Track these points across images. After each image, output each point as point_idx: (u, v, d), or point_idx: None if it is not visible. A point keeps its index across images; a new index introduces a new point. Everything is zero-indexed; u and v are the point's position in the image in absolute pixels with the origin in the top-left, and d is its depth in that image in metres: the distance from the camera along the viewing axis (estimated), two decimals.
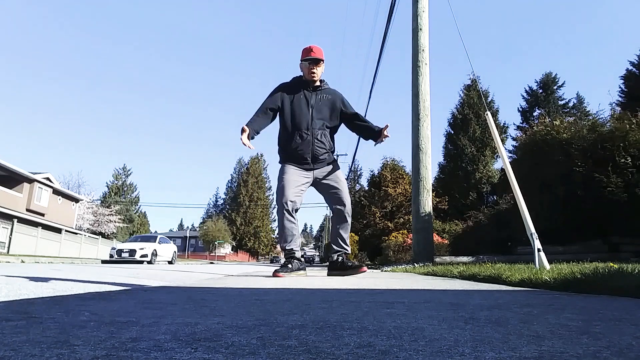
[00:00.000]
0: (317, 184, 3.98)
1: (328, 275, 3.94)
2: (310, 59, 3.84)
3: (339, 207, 3.95)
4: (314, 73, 3.87)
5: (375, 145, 4.08)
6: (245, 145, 3.66)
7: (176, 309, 1.29)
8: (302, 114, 3.83)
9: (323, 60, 3.90)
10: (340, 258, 3.93)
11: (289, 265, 3.73)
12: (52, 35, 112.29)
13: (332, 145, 3.98)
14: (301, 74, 4.02)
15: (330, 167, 3.97)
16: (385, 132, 3.92)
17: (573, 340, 0.85)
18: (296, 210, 3.87)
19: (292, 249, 3.81)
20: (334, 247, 3.99)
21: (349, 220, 3.98)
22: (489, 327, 0.99)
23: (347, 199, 3.95)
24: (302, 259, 3.94)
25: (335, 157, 4.11)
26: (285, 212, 3.79)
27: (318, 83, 3.97)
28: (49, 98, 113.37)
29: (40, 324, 0.95)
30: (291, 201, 3.79)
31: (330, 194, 3.97)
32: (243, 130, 3.69)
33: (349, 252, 4.00)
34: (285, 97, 3.90)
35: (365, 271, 3.83)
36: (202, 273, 6.06)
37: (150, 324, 0.98)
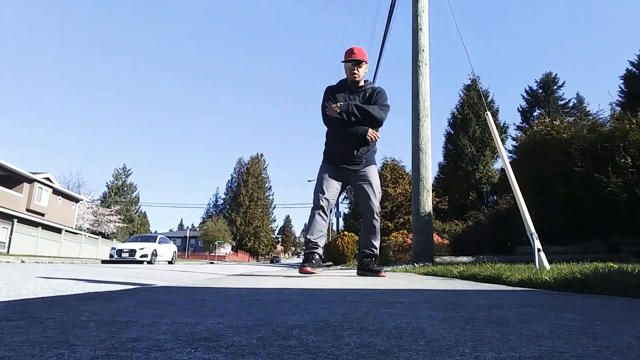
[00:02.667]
0: (351, 183, 4.08)
1: (357, 274, 4.06)
2: (352, 60, 3.91)
3: (366, 212, 4.02)
4: (355, 74, 3.94)
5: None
6: (334, 110, 3.76)
7: (176, 309, 1.29)
8: (343, 121, 3.86)
9: (365, 62, 3.96)
10: (366, 260, 4.00)
11: (313, 261, 3.80)
12: (52, 36, 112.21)
13: (370, 146, 4.00)
14: (345, 75, 4.08)
15: (366, 168, 4.02)
16: (371, 135, 3.90)
17: (573, 340, 0.85)
18: (331, 210, 3.99)
19: (316, 242, 3.87)
20: (363, 250, 4.07)
21: (377, 224, 4.01)
22: (489, 327, 0.99)
23: (375, 205, 3.99)
24: (322, 256, 3.98)
25: (374, 160, 4.18)
26: (319, 208, 3.90)
27: (362, 83, 4.03)
28: (49, 98, 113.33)
29: (40, 324, 0.95)
30: (326, 199, 3.92)
31: (360, 198, 4.06)
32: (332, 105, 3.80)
33: (377, 253, 4.06)
34: (333, 98, 3.99)
35: (384, 276, 3.84)
36: (202, 273, 6.05)
37: (150, 324, 0.98)
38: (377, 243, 4.02)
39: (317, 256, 3.83)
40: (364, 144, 3.89)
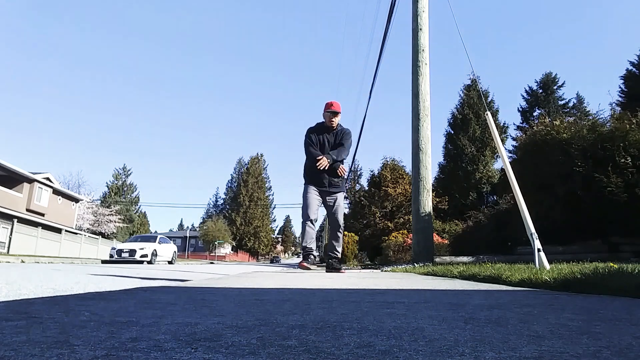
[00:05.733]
0: (324, 202, 5.25)
1: (326, 272, 5.11)
2: (331, 112, 5.13)
3: (334, 226, 5.27)
4: (332, 122, 5.16)
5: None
6: (324, 163, 4.96)
7: (176, 309, 1.29)
8: (323, 152, 5.11)
9: (340, 112, 5.19)
10: (332, 261, 5.23)
11: (309, 259, 5.14)
12: (52, 36, 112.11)
13: (341, 177, 5.21)
14: (323, 120, 5.29)
15: (337, 192, 5.20)
16: (340, 170, 5.15)
17: (573, 340, 0.85)
18: (315, 220, 5.17)
19: (311, 247, 5.18)
20: (329, 253, 5.31)
21: (341, 236, 5.31)
22: (489, 327, 0.99)
23: (340, 220, 5.22)
24: (317, 257, 5.35)
25: (344, 187, 5.37)
26: (308, 221, 5.09)
27: (335, 127, 5.24)
28: (49, 98, 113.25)
29: (40, 324, 0.95)
30: (313, 214, 5.09)
31: (329, 214, 5.26)
32: (320, 158, 4.99)
33: (339, 256, 5.29)
34: (313, 137, 5.24)
35: (344, 273, 5.04)
36: (202, 273, 6.06)
37: (150, 324, 0.98)
38: (339, 248, 5.31)
39: (312, 256, 5.14)
40: (334, 174, 5.12)
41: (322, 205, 5.29)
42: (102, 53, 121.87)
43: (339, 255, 5.29)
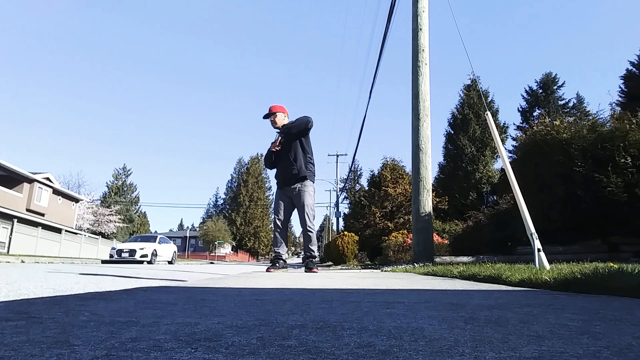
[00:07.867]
0: (293, 200, 5.25)
1: (305, 272, 5.14)
2: (267, 115, 5.38)
3: (301, 223, 5.28)
4: (274, 123, 5.37)
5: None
6: (277, 145, 5.17)
7: (176, 309, 1.29)
8: (279, 151, 5.28)
9: (276, 112, 5.36)
10: (307, 261, 5.21)
11: (277, 264, 5.13)
12: (51, 37, 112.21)
13: (302, 162, 5.17)
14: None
15: (299, 186, 5.17)
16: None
17: (573, 340, 0.85)
18: (284, 223, 5.30)
19: (279, 252, 5.26)
20: (305, 253, 5.34)
21: (309, 233, 5.23)
22: (489, 327, 0.99)
23: (306, 219, 5.15)
24: (286, 260, 5.32)
25: (307, 173, 5.21)
26: (276, 226, 5.30)
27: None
28: (49, 98, 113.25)
29: (40, 324, 0.95)
30: (279, 218, 5.26)
31: (298, 212, 5.26)
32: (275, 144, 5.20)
33: (314, 254, 5.25)
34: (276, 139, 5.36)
35: (316, 272, 4.97)
36: (202, 273, 6.06)
37: (150, 324, 0.98)
38: (313, 247, 5.25)
39: (280, 261, 5.19)
40: (291, 168, 5.16)
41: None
42: (102, 54, 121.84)
43: (314, 254, 5.22)
